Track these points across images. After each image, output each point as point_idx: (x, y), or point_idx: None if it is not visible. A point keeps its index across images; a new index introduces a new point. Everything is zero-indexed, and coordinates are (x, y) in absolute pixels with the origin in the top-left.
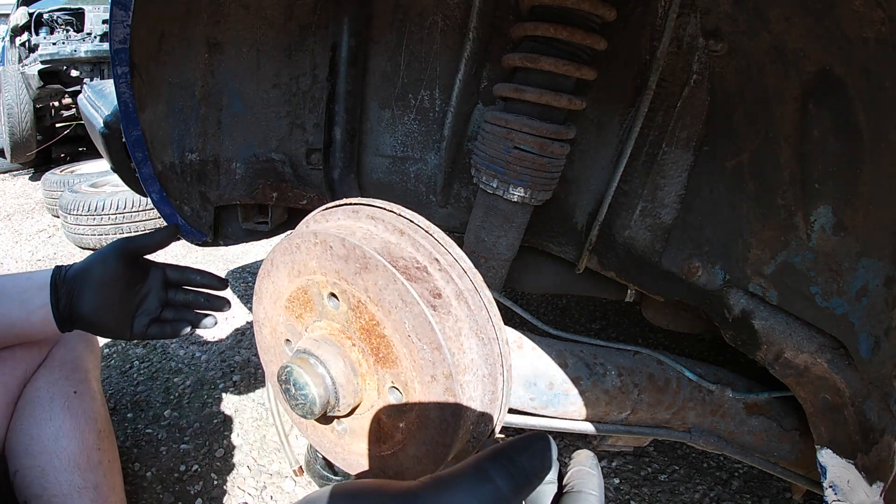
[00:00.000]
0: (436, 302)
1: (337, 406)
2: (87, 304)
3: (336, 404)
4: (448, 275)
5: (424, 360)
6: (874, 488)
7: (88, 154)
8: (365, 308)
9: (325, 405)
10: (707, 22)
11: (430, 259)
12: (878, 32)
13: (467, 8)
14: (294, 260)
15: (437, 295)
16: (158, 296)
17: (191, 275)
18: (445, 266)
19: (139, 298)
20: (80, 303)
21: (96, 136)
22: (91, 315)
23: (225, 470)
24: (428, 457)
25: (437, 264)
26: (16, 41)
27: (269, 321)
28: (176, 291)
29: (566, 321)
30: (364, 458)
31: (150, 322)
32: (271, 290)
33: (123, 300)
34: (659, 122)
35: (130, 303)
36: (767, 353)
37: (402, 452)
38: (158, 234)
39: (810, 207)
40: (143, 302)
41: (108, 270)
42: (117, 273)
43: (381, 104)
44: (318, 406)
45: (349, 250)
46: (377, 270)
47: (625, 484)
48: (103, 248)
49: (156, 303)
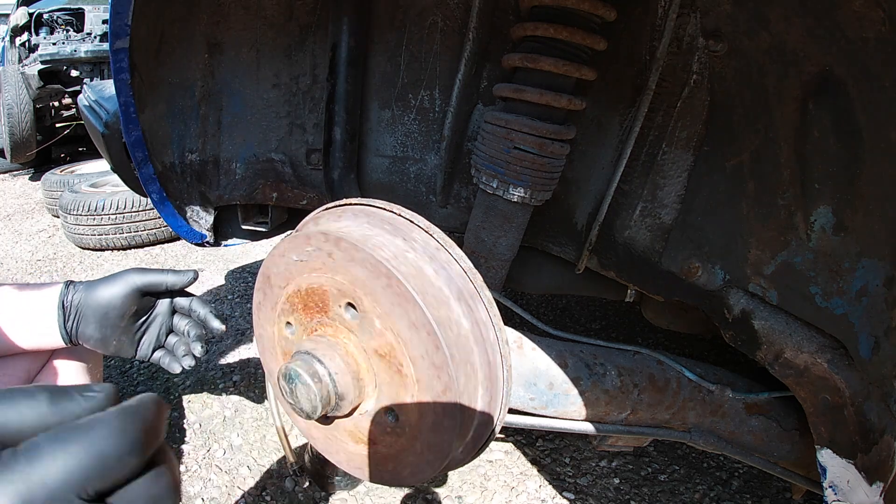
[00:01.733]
0: (437, 303)
1: (337, 407)
2: (94, 330)
3: (336, 405)
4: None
5: (425, 361)
6: (874, 488)
7: (88, 154)
8: (373, 315)
9: (326, 406)
10: (707, 22)
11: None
12: (878, 32)
13: (467, 8)
14: (301, 260)
15: (439, 296)
16: (165, 322)
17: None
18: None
19: (146, 326)
20: (87, 329)
21: (96, 136)
22: (97, 341)
23: (225, 470)
24: (428, 457)
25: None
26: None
27: (271, 321)
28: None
29: (566, 321)
30: (364, 459)
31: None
32: (275, 288)
33: (129, 329)
34: (659, 123)
35: (137, 330)
36: (767, 353)
37: (403, 452)
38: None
39: (810, 207)
40: (149, 328)
41: (116, 304)
42: (125, 307)
43: (381, 104)
44: (318, 406)
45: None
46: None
47: (625, 484)
48: (115, 278)
49: (161, 328)
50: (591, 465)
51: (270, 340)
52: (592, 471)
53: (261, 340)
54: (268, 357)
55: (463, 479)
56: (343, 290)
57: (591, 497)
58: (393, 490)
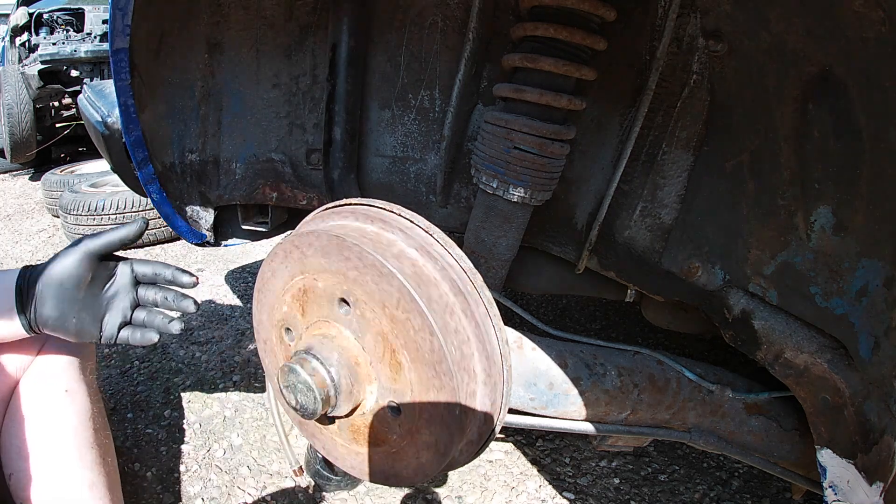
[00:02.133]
0: (436, 302)
1: (337, 406)
2: (51, 308)
3: (337, 405)
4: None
5: (425, 362)
6: (874, 488)
7: (88, 154)
8: (373, 315)
9: (326, 405)
10: (707, 22)
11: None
12: (878, 33)
13: (467, 8)
14: (304, 259)
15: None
16: (129, 295)
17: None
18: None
19: (107, 299)
20: (45, 309)
21: (96, 136)
22: (56, 321)
23: (225, 470)
24: (428, 456)
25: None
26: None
27: (271, 321)
28: (146, 288)
29: (566, 321)
30: (364, 458)
31: (120, 325)
32: (274, 288)
33: (89, 303)
34: (659, 123)
35: (97, 305)
36: (767, 353)
37: (403, 452)
38: (124, 230)
39: (810, 208)
40: (111, 303)
41: (71, 272)
42: (80, 275)
43: (381, 104)
44: (318, 406)
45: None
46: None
47: (625, 484)
48: (66, 248)
49: (126, 302)
50: (591, 465)
51: (270, 341)
52: (592, 471)
53: (261, 341)
54: (268, 357)
55: (463, 479)
56: (342, 288)
57: (591, 497)
58: (393, 490)
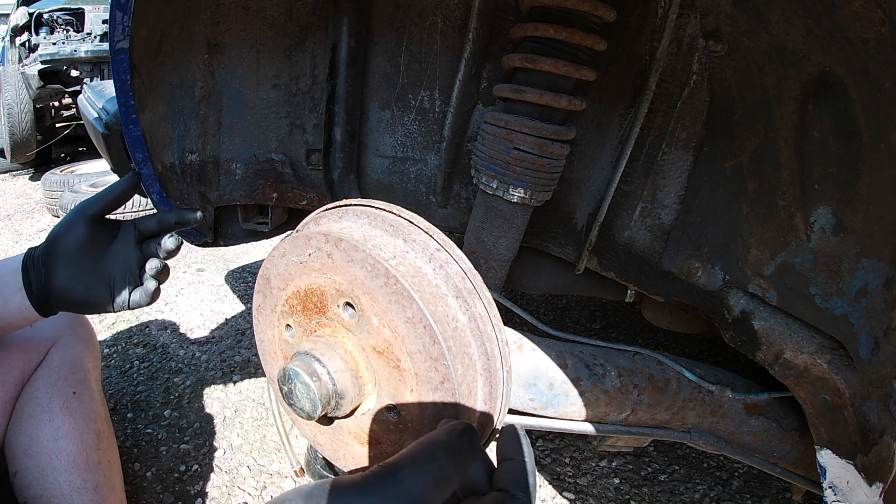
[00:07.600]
0: (435, 301)
1: (338, 406)
2: (59, 278)
3: (337, 406)
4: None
5: (425, 362)
6: (874, 489)
7: (88, 154)
8: (372, 316)
9: (326, 406)
10: (707, 22)
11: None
12: (878, 33)
13: (467, 8)
14: (301, 262)
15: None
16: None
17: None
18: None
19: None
20: (52, 279)
21: (96, 136)
22: (65, 290)
23: (225, 470)
24: None
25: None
26: (16, 41)
27: (271, 322)
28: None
29: (566, 321)
30: (364, 459)
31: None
32: (274, 290)
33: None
34: (659, 123)
35: (105, 270)
36: (767, 353)
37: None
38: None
39: (810, 208)
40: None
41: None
42: (84, 238)
43: (380, 105)
44: (318, 406)
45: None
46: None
47: (625, 484)
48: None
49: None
50: (591, 465)
51: (270, 342)
52: (592, 471)
53: (261, 342)
54: (268, 358)
55: None
56: (342, 290)
57: (591, 497)
58: None
